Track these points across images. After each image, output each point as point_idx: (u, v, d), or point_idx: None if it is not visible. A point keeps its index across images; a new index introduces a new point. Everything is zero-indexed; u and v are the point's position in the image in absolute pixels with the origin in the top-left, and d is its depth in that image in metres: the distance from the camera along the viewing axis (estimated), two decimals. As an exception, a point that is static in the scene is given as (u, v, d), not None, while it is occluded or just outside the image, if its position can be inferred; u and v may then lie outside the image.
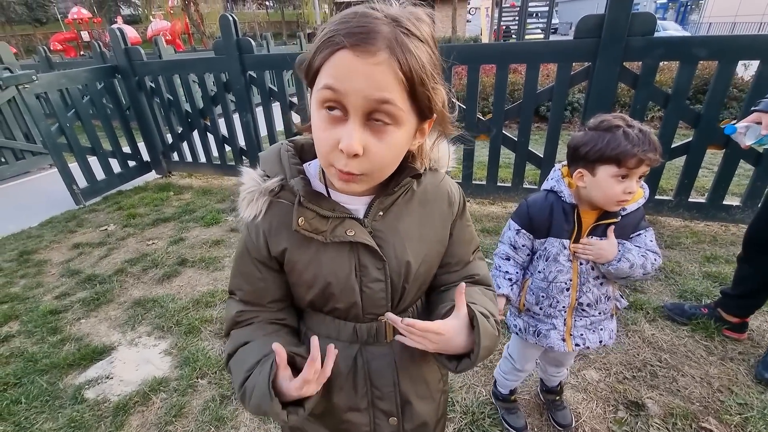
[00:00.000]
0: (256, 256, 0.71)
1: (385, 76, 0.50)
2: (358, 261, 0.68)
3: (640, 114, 2.77)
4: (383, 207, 0.69)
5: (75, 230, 3.57)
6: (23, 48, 28.16)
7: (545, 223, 1.17)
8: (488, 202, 3.53)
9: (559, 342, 1.27)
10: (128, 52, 4.14)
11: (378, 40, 0.49)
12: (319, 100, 0.53)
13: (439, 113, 0.60)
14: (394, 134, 0.55)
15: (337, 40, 0.50)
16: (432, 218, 0.74)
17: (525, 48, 2.92)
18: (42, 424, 1.73)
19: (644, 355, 1.89)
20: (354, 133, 0.52)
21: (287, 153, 0.68)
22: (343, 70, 0.50)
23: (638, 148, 0.99)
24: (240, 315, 0.75)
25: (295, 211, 0.64)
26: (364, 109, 0.52)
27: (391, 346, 0.76)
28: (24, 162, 5.39)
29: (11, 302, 2.60)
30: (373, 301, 0.71)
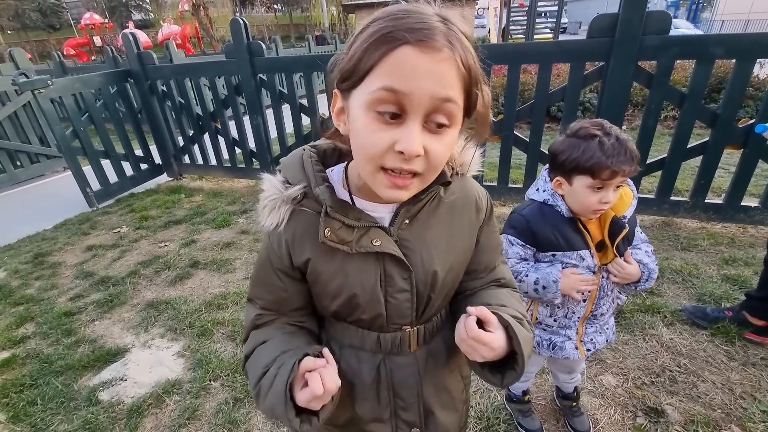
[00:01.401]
0: (278, 266, 0.69)
1: (450, 73, 0.48)
2: (383, 271, 0.66)
3: (654, 114, 2.73)
4: (410, 215, 0.66)
5: (88, 232, 3.62)
6: (38, 53, 28.74)
7: (550, 237, 1.13)
8: (499, 203, 3.50)
9: (574, 351, 1.26)
10: (140, 56, 4.20)
11: (439, 36, 0.47)
12: (372, 101, 0.49)
13: (481, 115, 0.58)
14: (450, 134, 0.53)
15: (398, 36, 0.47)
16: (460, 226, 0.72)
17: (537, 48, 2.89)
18: (57, 425, 1.74)
19: (663, 360, 1.85)
20: (415, 134, 0.49)
21: (311, 159, 0.66)
22: (408, 68, 0.47)
23: (612, 159, 0.96)
24: (259, 318, 0.73)
25: (321, 221, 0.62)
26: (427, 109, 0.49)
27: (414, 356, 0.75)
28: (39, 165, 5.49)
29: (27, 304, 2.63)
30: (398, 311, 0.69)
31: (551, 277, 1.10)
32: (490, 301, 0.75)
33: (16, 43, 31.79)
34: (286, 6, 40.15)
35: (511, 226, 1.18)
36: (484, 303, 0.74)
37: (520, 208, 1.19)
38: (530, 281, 1.12)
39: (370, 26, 0.50)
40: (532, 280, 1.12)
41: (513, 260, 1.16)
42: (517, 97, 3.02)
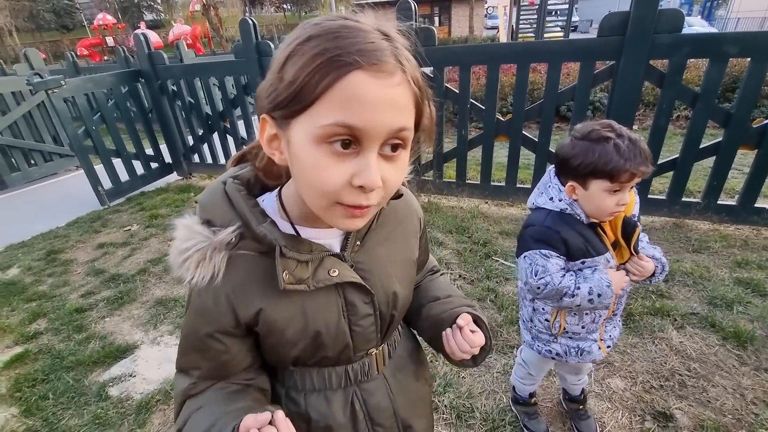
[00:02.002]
0: (217, 328, 0.58)
1: (405, 99, 0.45)
2: (344, 300, 0.62)
3: (666, 114, 2.69)
4: (360, 236, 0.63)
5: (100, 230, 3.67)
6: (51, 53, 29.21)
7: (580, 245, 1.10)
8: (507, 204, 3.48)
9: (598, 352, 1.26)
10: (151, 56, 4.25)
11: (389, 56, 0.43)
12: (324, 136, 0.44)
13: (427, 127, 0.54)
14: (404, 156, 0.50)
15: (348, 60, 0.41)
16: (406, 237, 0.72)
17: (546, 47, 2.86)
18: (68, 420, 1.78)
19: (672, 363, 1.82)
20: (373, 167, 0.45)
21: (239, 194, 0.57)
22: (363, 99, 0.42)
23: (630, 162, 0.95)
24: (193, 387, 0.62)
25: (278, 265, 0.54)
26: (383, 139, 0.46)
27: (383, 377, 0.73)
28: (52, 164, 5.58)
29: (39, 300, 2.68)
30: (363, 337, 0.66)
31: (603, 282, 1.07)
32: (438, 294, 0.81)
33: (31, 43, 32.39)
34: (295, 6, 40.32)
35: (540, 240, 1.11)
36: (433, 296, 0.81)
37: (537, 220, 1.13)
38: (584, 293, 1.07)
39: (306, 45, 0.43)
40: (586, 291, 1.07)
41: (557, 276, 1.08)
42: (526, 97, 2.99)
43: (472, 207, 3.45)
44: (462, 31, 23.72)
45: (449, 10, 25.08)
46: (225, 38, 24.35)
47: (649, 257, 1.13)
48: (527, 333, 1.35)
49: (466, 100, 3.12)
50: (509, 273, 2.51)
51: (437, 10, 25.50)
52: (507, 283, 2.43)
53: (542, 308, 1.25)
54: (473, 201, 3.57)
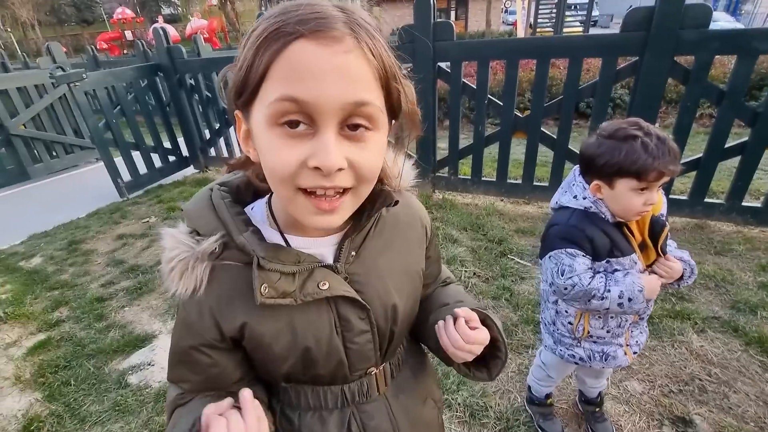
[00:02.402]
0: (202, 341, 0.55)
1: (359, 68, 0.41)
2: (337, 315, 0.57)
3: (690, 112, 2.61)
4: (355, 245, 0.58)
5: (119, 221, 3.75)
6: (72, 47, 29.84)
7: (606, 245, 1.07)
8: (523, 201, 3.44)
9: (624, 358, 1.23)
10: (170, 50, 4.30)
11: (338, 24, 0.40)
12: (272, 115, 0.41)
13: (410, 112, 0.51)
14: (376, 138, 0.46)
15: (287, 30, 0.39)
16: (410, 246, 0.66)
17: (567, 42, 2.81)
18: (89, 406, 1.83)
19: (692, 368, 1.79)
20: (330, 145, 0.41)
21: (224, 201, 0.54)
22: (306, 67, 0.39)
23: (659, 161, 0.93)
24: (182, 397, 0.59)
25: (255, 278, 0.50)
26: (340, 116, 0.42)
27: (384, 399, 0.68)
28: (73, 156, 5.71)
29: (61, 289, 2.76)
30: (360, 355, 0.61)
31: (635, 286, 1.03)
32: (447, 300, 0.72)
33: (52, 37, 33.12)
34: (310, 0, 40.30)
35: (565, 239, 1.09)
36: (442, 303, 0.72)
37: (562, 219, 1.11)
38: (614, 296, 1.04)
39: (258, 27, 0.42)
40: (616, 294, 1.03)
41: (585, 276, 1.06)
42: (545, 93, 2.94)
43: (488, 204, 3.42)
44: (479, 25, 23.42)
45: (466, 4, 24.76)
46: (241, 32, 24.51)
47: (677, 259, 1.10)
48: (549, 337, 1.33)
49: (484, 96, 3.08)
50: (525, 272, 2.48)
51: (454, 4, 25.21)
52: (522, 282, 2.40)
53: (565, 311, 1.23)
54: (488, 198, 3.54)
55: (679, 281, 1.11)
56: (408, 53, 3.25)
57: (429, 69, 3.07)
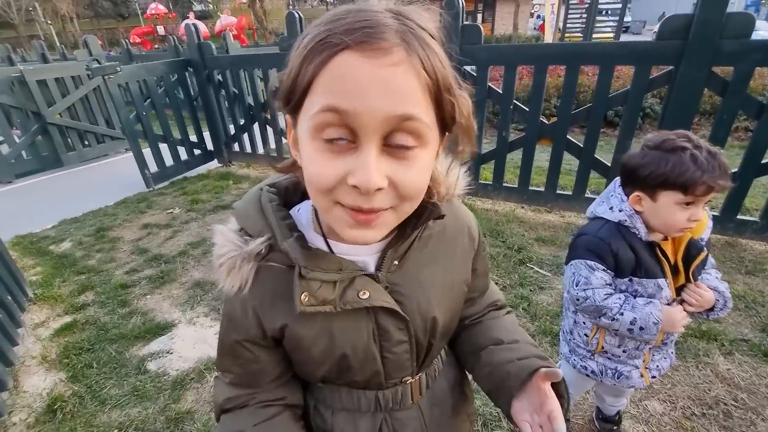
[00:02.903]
0: (245, 337, 0.58)
1: (407, 82, 0.39)
2: (376, 325, 0.57)
3: (726, 125, 2.51)
4: (398, 255, 0.57)
5: (145, 211, 3.86)
6: (107, 41, 30.91)
7: (631, 263, 1.03)
8: (545, 209, 3.37)
9: (640, 380, 1.18)
10: (201, 46, 4.40)
11: (388, 33, 0.38)
12: (316, 127, 0.40)
13: (464, 126, 0.48)
14: (422, 156, 0.43)
15: (333, 40, 0.38)
16: (454, 258, 0.64)
17: (599, 49, 2.74)
18: (110, 389, 1.88)
19: (717, 391, 1.71)
20: (370, 164, 0.39)
21: (271, 204, 0.54)
22: (350, 79, 0.38)
23: (708, 174, 0.88)
24: (228, 402, 0.62)
25: (296, 287, 0.51)
26: (384, 130, 0.40)
27: (418, 408, 0.67)
28: (104, 145, 5.91)
29: (88, 273, 2.86)
30: (397, 365, 0.61)
31: (651, 318, 1.00)
32: (502, 337, 0.69)
33: (89, 30, 34.42)
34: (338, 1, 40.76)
35: (589, 250, 1.06)
36: (495, 337, 0.69)
37: (592, 229, 1.08)
38: (625, 321, 1.01)
39: (307, 35, 0.41)
40: (628, 320, 1.01)
41: (600, 291, 1.04)
42: (573, 100, 2.88)
43: (508, 211, 3.37)
44: (506, 28, 23.14)
45: (493, 7, 24.49)
46: (268, 30, 24.91)
47: (711, 288, 1.05)
48: (565, 345, 1.31)
49: (510, 101, 3.04)
50: (544, 282, 2.44)
51: (481, 7, 24.98)
52: (541, 292, 2.36)
53: (583, 322, 1.20)
54: (509, 205, 3.49)
55: (709, 312, 1.06)
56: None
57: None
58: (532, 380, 0.59)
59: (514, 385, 0.60)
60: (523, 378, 0.60)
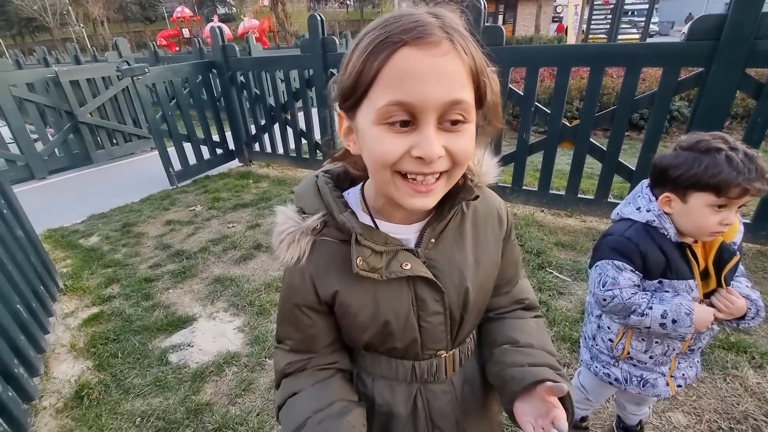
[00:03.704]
0: (303, 302, 0.65)
1: (456, 68, 0.46)
2: (415, 295, 0.63)
3: (760, 129, 2.41)
4: (435, 234, 0.63)
5: (168, 208, 3.97)
6: (135, 43, 31.94)
7: (661, 264, 1.00)
8: (565, 214, 3.31)
9: (665, 388, 1.15)
10: (225, 48, 4.50)
11: (435, 29, 0.45)
12: (382, 115, 0.47)
13: (491, 104, 0.54)
14: (468, 128, 0.51)
15: (394, 39, 0.45)
16: (486, 240, 0.69)
17: (625, 50, 2.67)
18: (133, 378, 1.94)
19: (746, 405, 1.65)
20: (431, 138, 0.47)
21: (327, 186, 0.63)
22: (411, 73, 0.44)
23: (743, 176, 0.85)
24: (289, 366, 0.70)
25: (353, 251, 0.58)
26: (439, 112, 0.47)
27: (451, 383, 0.72)
28: (131, 144, 6.11)
29: (114, 267, 2.96)
30: (432, 336, 0.67)
31: (683, 309, 0.96)
32: (519, 338, 0.72)
33: (118, 33, 35.66)
34: (358, 2, 40.97)
35: (615, 250, 1.03)
36: (511, 337, 0.72)
37: (618, 230, 1.06)
38: (656, 314, 0.98)
39: (363, 39, 0.48)
40: (659, 313, 0.97)
41: (627, 290, 1.02)
42: (596, 102, 2.82)
43: (527, 214, 3.32)
44: (527, 30, 22.84)
45: (515, 9, 24.25)
46: (290, 33, 25.27)
47: (743, 296, 1.01)
48: (586, 351, 1.28)
49: (531, 103, 3.00)
50: (563, 287, 2.39)
51: (502, 8, 24.74)
52: (560, 298, 2.31)
53: (608, 327, 1.17)
54: (528, 208, 3.44)
55: (739, 320, 1.01)
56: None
57: (475, 73, 3.02)
58: (536, 389, 0.62)
59: (516, 389, 0.64)
60: (527, 385, 0.63)
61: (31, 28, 40.68)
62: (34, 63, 10.59)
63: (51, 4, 33.48)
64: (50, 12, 33.70)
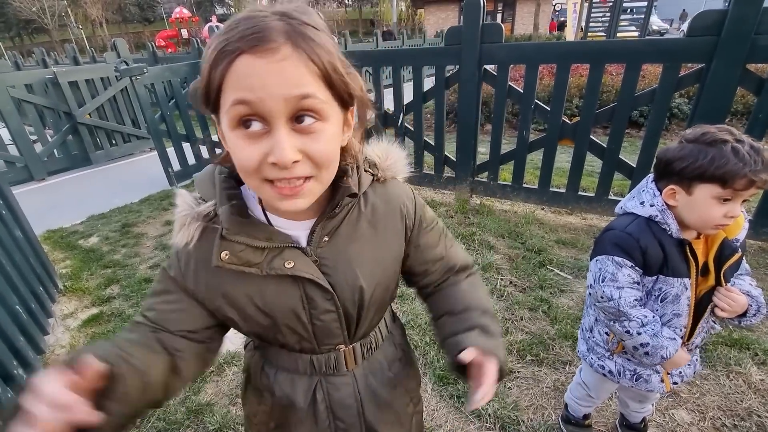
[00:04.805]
0: (180, 278, 0.62)
1: (297, 70, 0.46)
2: (304, 293, 0.62)
3: (761, 125, 2.40)
4: (327, 231, 0.63)
5: (168, 208, 3.96)
6: (133, 44, 31.93)
7: (659, 260, 1.00)
8: (566, 211, 3.30)
9: (659, 384, 1.14)
10: (223, 47, 4.48)
11: (274, 34, 0.45)
12: (233, 119, 0.47)
13: (359, 98, 0.55)
14: (326, 128, 0.50)
15: (230, 48, 0.45)
16: (384, 236, 0.68)
17: (625, 47, 2.66)
18: (133, 379, 1.93)
19: (749, 402, 1.64)
20: (283, 142, 0.46)
21: (220, 176, 0.62)
22: (251, 76, 0.45)
23: (749, 168, 0.84)
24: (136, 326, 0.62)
25: (216, 245, 0.58)
26: (287, 111, 0.46)
27: (353, 375, 0.73)
28: (130, 144, 6.10)
29: (114, 268, 2.95)
30: (326, 332, 0.66)
31: (662, 351, 1.00)
32: (453, 306, 0.73)
33: (117, 34, 35.64)
34: (356, 1, 40.95)
35: (617, 245, 1.03)
36: (447, 308, 0.74)
37: (621, 224, 1.05)
38: (637, 342, 1.02)
39: (211, 44, 0.48)
40: (639, 343, 1.02)
41: (628, 296, 1.01)
42: (597, 99, 2.81)
43: (527, 212, 3.31)
44: (526, 28, 22.82)
45: (513, 7, 24.20)
46: (288, 32, 25.23)
47: (743, 293, 1.00)
48: (583, 343, 1.28)
49: (531, 101, 2.99)
50: (564, 284, 2.38)
51: (500, 6, 24.72)
52: (561, 295, 2.30)
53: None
54: (528, 206, 3.43)
55: (741, 317, 1.01)
56: (454, 55, 3.16)
57: (474, 71, 3.01)
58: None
59: (451, 360, 0.65)
60: (455, 352, 0.63)
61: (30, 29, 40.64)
62: (33, 65, 10.58)
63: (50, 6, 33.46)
64: (49, 13, 33.67)
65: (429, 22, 25.06)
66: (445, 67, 3.25)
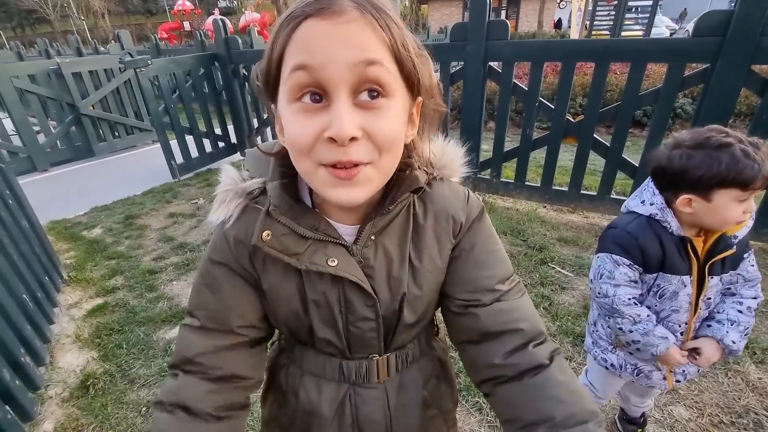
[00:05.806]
0: (224, 260, 0.58)
1: (363, 32, 0.41)
2: (343, 295, 0.56)
3: (765, 126, 2.41)
4: (376, 230, 0.55)
5: (171, 201, 3.97)
6: (136, 36, 31.80)
7: (658, 258, 1.02)
8: (568, 210, 3.31)
9: (661, 381, 1.17)
10: (227, 41, 4.48)
11: (344, 1, 0.42)
12: (291, 89, 0.43)
13: (427, 89, 0.50)
14: (391, 105, 0.45)
15: (297, 14, 0.42)
16: (435, 238, 0.60)
17: (631, 46, 2.66)
18: (138, 369, 1.96)
19: (747, 400, 1.66)
20: (342, 114, 0.42)
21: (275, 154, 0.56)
22: (313, 38, 0.41)
23: (761, 166, 0.87)
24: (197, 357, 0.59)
25: (260, 221, 0.53)
26: (350, 81, 0.42)
27: (384, 388, 0.65)
28: (133, 137, 6.10)
29: (118, 259, 2.96)
30: (361, 341, 0.60)
31: (652, 349, 1.04)
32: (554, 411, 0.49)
33: (119, 26, 35.49)
34: (359, -4, 40.74)
35: (616, 243, 1.04)
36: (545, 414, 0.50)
37: (622, 223, 1.07)
38: (629, 339, 1.07)
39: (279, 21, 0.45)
40: (630, 339, 1.07)
41: (623, 295, 1.04)
42: (601, 98, 2.81)
43: (530, 210, 3.33)
44: (530, 26, 22.73)
45: (518, 4, 24.09)
46: (291, 26, 25.09)
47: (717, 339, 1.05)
48: (588, 336, 1.31)
49: (535, 98, 2.99)
50: (566, 282, 2.40)
51: (505, 3, 24.60)
52: (563, 293, 2.32)
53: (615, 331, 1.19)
54: (531, 204, 3.44)
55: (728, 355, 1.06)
56: (459, 51, 3.15)
57: (479, 68, 3.01)
58: None
59: None
60: None
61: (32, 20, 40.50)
62: (35, 55, 10.55)
63: (51, -4, 33.31)
64: (50, 4, 33.51)
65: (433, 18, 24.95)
66: (450, 63, 3.26)
